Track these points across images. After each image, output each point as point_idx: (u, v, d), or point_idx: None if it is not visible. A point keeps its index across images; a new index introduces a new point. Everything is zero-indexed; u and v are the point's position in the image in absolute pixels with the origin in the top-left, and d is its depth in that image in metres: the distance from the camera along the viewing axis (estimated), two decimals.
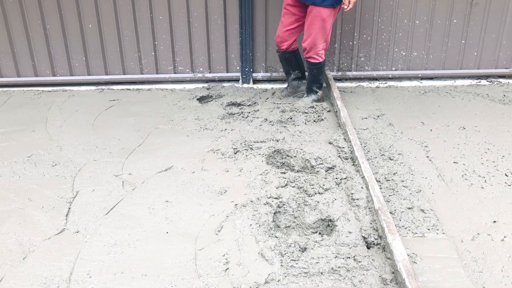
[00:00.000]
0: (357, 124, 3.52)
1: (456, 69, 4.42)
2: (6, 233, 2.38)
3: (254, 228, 2.36)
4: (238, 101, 3.95)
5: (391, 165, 2.94)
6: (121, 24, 4.21)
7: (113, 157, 3.12)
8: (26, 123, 3.64)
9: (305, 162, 2.95)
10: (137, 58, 4.35)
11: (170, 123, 3.60)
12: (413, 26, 4.25)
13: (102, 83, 4.42)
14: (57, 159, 3.10)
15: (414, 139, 3.29)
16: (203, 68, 4.40)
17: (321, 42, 3.64)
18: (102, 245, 2.29)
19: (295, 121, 3.56)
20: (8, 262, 2.18)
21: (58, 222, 2.45)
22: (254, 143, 3.22)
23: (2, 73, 4.38)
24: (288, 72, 4.03)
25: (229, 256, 2.18)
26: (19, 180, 2.86)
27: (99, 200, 2.65)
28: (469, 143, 3.23)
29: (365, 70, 4.43)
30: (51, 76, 4.39)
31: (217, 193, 2.68)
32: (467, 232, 2.35)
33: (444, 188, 2.72)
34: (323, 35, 3.64)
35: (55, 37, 4.25)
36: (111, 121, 3.66)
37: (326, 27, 3.60)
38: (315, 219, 2.42)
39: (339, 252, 2.18)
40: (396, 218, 2.44)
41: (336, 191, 2.64)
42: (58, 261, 2.18)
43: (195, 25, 4.23)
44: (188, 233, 2.36)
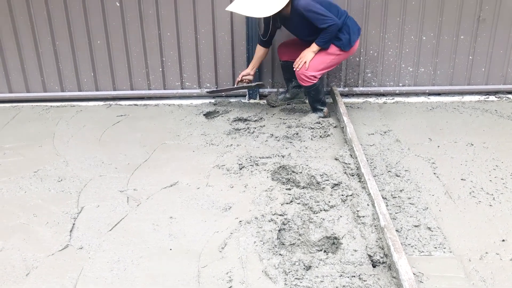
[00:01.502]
0: (364, 140, 3.50)
1: (464, 85, 4.39)
2: (10, 248, 2.38)
3: (258, 245, 2.34)
4: (245, 116, 3.95)
5: (398, 182, 2.91)
6: (129, 40, 4.26)
7: (118, 172, 3.12)
8: (34, 138, 3.67)
9: (310, 178, 2.93)
10: (144, 74, 4.38)
11: (177, 139, 3.61)
12: (420, 42, 4.24)
13: (110, 99, 4.45)
14: (63, 174, 3.11)
15: (421, 156, 3.26)
16: (210, 83, 4.42)
17: (312, 70, 3.63)
18: (106, 261, 2.28)
19: (301, 136, 3.55)
20: (11, 278, 2.17)
21: (62, 238, 2.45)
22: (259, 159, 3.21)
23: (12, 89, 4.43)
24: (289, 79, 4.06)
25: (233, 274, 2.16)
26: (25, 195, 2.87)
27: (103, 216, 2.65)
28: (477, 159, 3.19)
29: (372, 86, 4.43)
30: (60, 92, 4.44)
31: (221, 210, 2.67)
32: (475, 251, 2.31)
33: (452, 205, 2.68)
34: (319, 64, 3.64)
35: (64, 53, 4.30)
36: (118, 136, 3.68)
37: (325, 60, 3.65)
38: (320, 236, 2.39)
39: (344, 271, 2.15)
40: (403, 236, 2.40)
41: (342, 208, 2.62)
42: (61, 277, 2.18)
43: (203, 42, 4.26)
44: (192, 250, 2.34)
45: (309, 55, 3.62)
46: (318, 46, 3.60)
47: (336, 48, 3.64)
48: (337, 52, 3.65)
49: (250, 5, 3.42)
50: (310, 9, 3.43)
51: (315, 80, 3.67)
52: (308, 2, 3.43)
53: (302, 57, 3.65)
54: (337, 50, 3.64)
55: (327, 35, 3.52)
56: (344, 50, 3.65)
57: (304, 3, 3.42)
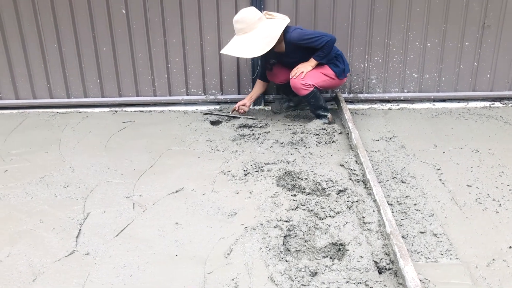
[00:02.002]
0: (369, 146, 3.50)
1: (469, 91, 4.39)
2: (17, 254, 2.39)
3: (264, 251, 2.34)
4: (250, 123, 3.96)
5: (403, 188, 2.91)
6: (135, 47, 4.29)
7: (124, 178, 3.14)
8: (40, 144, 3.69)
9: (316, 184, 2.93)
10: (150, 80, 4.41)
11: (182, 145, 3.62)
12: (425, 48, 4.25)
13: (116, 105, 4.48)
14: (69, 180, 3.12)
15: (426, 162, 3.25)
16: (215, 90, 4.44)
17: (308, 79, 3.73)
18: (112, 267, 2.28)
19: (306, 143, 3.55)
20: (17, 284, 2.18)
21: (68, 244, 2.46)
22: (264, 165, 3.22)
23: (18, 95, 4.47)
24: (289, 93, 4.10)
25: (238, 280, 2.16)
26: (31, 201, 2.88)
27: (109, 221, 2.65)
28: (482, 166, 3.18)
29: (376, 92, 4.43)
30: (66, 98, 4.47)
31: (227, 216, 2.67)
32: (482, 257, 2.30)
33: (458, 212, 2.67)
34: (315, 77, 3.76)
35: (70, 60, 4.34)
36: (124, 142, 3.70)
37: (320, 76, 3.78)
38: (326, 243, 2.39)
39: (350, 277, 2.14)
40: (409, 242, 2.40)
41: (348, 215, 2.61)
42: (68, 283, 2.18)
43: (208, 48, 4.29)
44: (198, 256, 2.34)
45: (307, 67, 3.77)
46: (316, 60, 3.76)
47: (332, 72, 3.83)
48: (331, 76, 3.84)
49: (242, 47, 3.62)
50: (304, 38, 3.65)
51: (311, 88, 3.73)
52: (300, 32, 3.66)
53: (300, 67, 3.78)
54: (333, 74, 3.84)
55: (324, 51, 3.70)
56: (338, 77, 3.86)
57: (296, 34, 3.65)
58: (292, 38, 3.65)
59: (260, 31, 3.59)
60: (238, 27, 3.63)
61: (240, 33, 3.65)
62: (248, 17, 3.60)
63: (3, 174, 3.23)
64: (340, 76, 3.86)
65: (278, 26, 3.61)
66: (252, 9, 3.66)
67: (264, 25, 3.62)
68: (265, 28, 3.60)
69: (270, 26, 3.62)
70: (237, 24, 3.63)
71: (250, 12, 3.62)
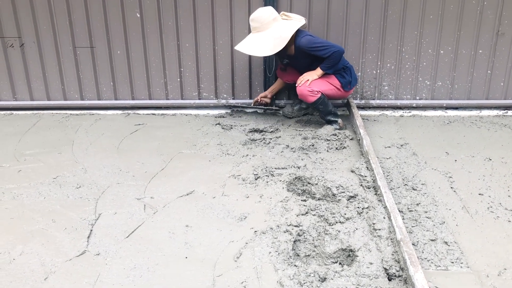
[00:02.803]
0: (380, 153, 3.49)
1: (482, 99, 4.36)
2: (29, 253, 2.42)
3: (274, 256, 2.34)
4: (261, 127, 3.97)
5: (414, 196, 2.89)
6: (149, 50, 4.33)
7: (136, 180, 3.16)
8: (54, 145, 3.74)
9: (326, 190, 2.93)
10: (163, 84, 4.45)
11: (193, 148, 3.64)
12: (438, 55, 4.24)
13: (129, 108, 4.52)
14: (81, 181, 3.16)
15: (438, 170, 3.23)
16: (227, 94, 4.46)
17: (314, 86, 3.75)
18: (122, 268, 2.30)
19: (317, 148, 3.55)
20: (30, 282, 2.21)
21: (79, 244, 2.49)
22: (275, 170, 3.22)
23: (33, 97, 4.53)
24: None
25: (248, 284, 2.16)
26: (44, 201, 2.92)
27: (120, 223, 2.68)
28: (495, 174, 3.16)
29: (388, 99, 4.42)
30: (80, 100, 4.53)
31: (237, 219, 2.68)
32: (493, 266, 2.28)
33: (469, 220, 2.65)
34: (321, 85, 3.79)
35: (84, 62, 4.39)
36: (136, 145, 3.73)
37: (326, 85, 3.81)
38: (336, 248, 2.39)
39: (360, 283, 2.14)
40: (419, 250, 2.38)
41: (358, 221, 2.61)
42: (78, 283, 2.20)
43: (220, 53, 4.31)
44: (207, 259, 2.35)
45: (313, 75, 3.80)
46: (322, 70, 3.78)
47: (338, 82, 3.86)
48: (337, 86, 3.86)
49: (254, 45, 3.69)
50: (312, 46, 3.68)
51: (318, 94, 3.75)
52: (309, 39, 3.69)
53: (306, 75, 3.81)
54: (338, 84, 3.86)
55: (331, 61, 3.72)
56: (343, 88, 3.89)
57: (305, 41, 3.68)
58: (301, 44, 3.69)
59: (273, 32, 3.64)
60: (253, 25, 3.70)
61: (254, 31, 3.73)
62: (263, 17, 3.66)
63: (17, 174, 3.27)
64: (345, 87, 3.89)
65: (290, 28, 3.65)
66: (269, 8, 3.71)
67: (278, 25, 3.67)
68: (278, 29, 3.64)
69: (283, 27, 3.65)
70: (252, 22, 3.70)
71: (265, 12, 3.67)
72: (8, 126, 4.19)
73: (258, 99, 4.22)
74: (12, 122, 4.28)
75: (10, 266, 2.32)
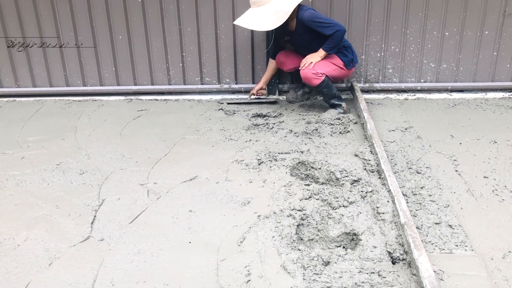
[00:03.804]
0: (384, 137, 3.46)
1: (488, 82, 4.31)
2: (33, 239, 2.43)
3: (277, 240, 2.34)
4: (264, 112, 3.95)
5: (419, 179, 2.88)
6: (150, 35, 4.29)
7: (139, 166, 3.16)
8: (57, 131, 3.74)
9: (330, 174, 2.91)
10: (165, 69, 4.42)
11: (196, 134, 3.63)
12: (443, 37, 4.17)
13: (131, 93, 4.50)
14: (84, 167, 3.16)
15: (442, 153, 3.21)
16: (230, 79, 4.43)
17: (318, 68, 3.69)
18: (126, 253, 2.31)
19: (320, 132, 3.53)
20: (34, 268, 2.22)
21: (83, 230, 2.49)
22: (278, 154, 3.21)
23: (35, 83, 4.52)
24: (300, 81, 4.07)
25: (251, 268, 2.17)
26: (47, 187, 2.92)
27: (124, 208, 2.68)
28: (500, 157, 3.13)
29: (393, 82, 4.37)
30: (82, 86, 4.51)
31: (240, 204, 2.68)
32: (498, 249, 2.27)
33: (474, 203, 2.64)
34: (324, 67, 3.72)
35: (86, 48, 4.36)
36: (139, 130, 3.72)
37: (330, 66, 3.74)
38: (339, 232, 2.38)
39: (363, 267, 2.14)
40: (423, 233, 2.37)
41: (361, 205, 2.60)
42: (83, 268, 2.21)
43: (222, 37, 4.27)
44: (211, 244, 2.35)
45: (316, 57, 3.73)
46: (324, 51, 3.72)
47: (341, 62, 3.80)
48: (340, 65, 3.80)
49: (254, 20, 3.60)
50: (314, 19, 3.59)
51: (322, 77, 3.69)
52: (312, 13, 3.61)
53: (309, 57, 3.75)
54: (341, 63, 3.80)
55: (333, 41, 3.65)
56: (346, 67, 3.83)
57: (308, 14, 3.59)
58: (303, 17, 3.60)
59: (274, 5, 3.56)
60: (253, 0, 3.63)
61: (254, 5, 3.64)
62: None
63: (20, 160, 3.27)
64: (348, 66, 3.83)
65: (292, 2, 3.56)
66: None
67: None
68: (279, 3, 3.56)
69: (284, 0, 3.57)
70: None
71: None
72: (11, 113, 4.18)
73: (254, 93, 4.16)
74: (15, 109, 4.28)
75: (14, 252, 2.33)
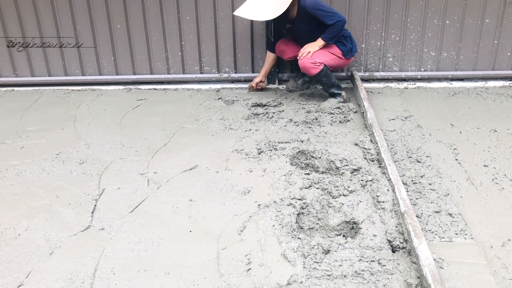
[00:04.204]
0: (384, 126, 3.46)
1: (488, 70, 4.29)
2: (34, 228, 2.43)
3: (277, 229, 2.34)
4: (264, 101, 3.94)
5: (419, 168, 2.88)
6: (149, 24, 4.26)
7: (139, 155, 3.15)
8: (56, 121, 3.73)
9: (330, 163, 2.91)
10: (164, 58, 4.39)
11: (196, 123, 3.62)
12: (443, 26, 4.15)
13: (130, 83, 4.48)
14: (84, 157, 3.15)
15: (442, 142, 3.21)
16: (229, 68, 4.41)
17: (316, 58, 3.67)
18: (126, 242, 2.31)
19: (320, 122, 3.52)
20: (35, 257, 2.22)
21: (84, 219, 2.50)
22: (278, 144, 3.21)
23: (34, 73, 4.50)
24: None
25: (252, 257, 2.17)
26: (47, 177, 2.92)
27: (124, 198, 2.68)
28: (500, 146, 3.13)
29: (393, 71, 4.36)
30: (81, 76, 4.49)
31: (240, 193, 2.68)
32: (497, 237, 2.27)
33: (474, 192, 2.64)
34: (323, 56, 3.70)
35: (84, 37, 4.33)
36: (138, 120, 3.71)
37: (328, 55, 3.71)
38: (339, 221, 2.39)
39: (363, 255, 2.14)
40: (423, 221, 2.38)
41: (361, 194, 2.60)
42: (83, 257, 2.22)
43: (222, 26, 4.24)
44: (211, 232, 2.36)
45: (314, 47, 3.71)
46: (323, 41, 3.69)
47: (339, 51, 3.77)
48: (338, 55, 3.78)
49: (254, 10, 3.55)
50: (317, 7, 3.56)
51: (320, 66, 3.67)
52: (315, 1, 3.57)
53: (307, 47, 3.72)
54: (340, 53, 3.78)
55: (333, 31, 3.63)
56: (344, 56, 3.80)
57: (311, 1, 3.56)
58: (306, 4, 3.57)
59: None
60: None
61: None
62: None
63: (20, 150, 3.27)
64: (347, 55, 3.81)
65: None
66: None
67: None
68: None
69: None
70: None
71: None
72: (10, 102, 4.17)
73: (254, 86, 4.14)
74: (13, 98, 4.26)
75: (15, 241, 2.33)
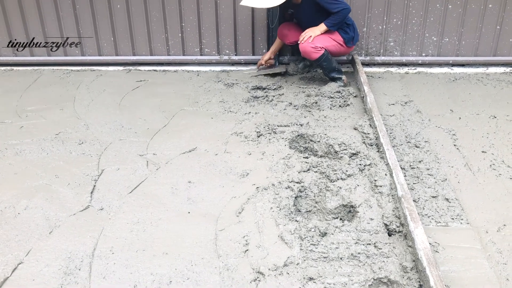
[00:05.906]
0: (384, 110, 3.46)
1: (490, 56, 4.27)
2: (34, 207, 2.45)
3: (275, 211, 2.36)
4: (264, 84, 3.93)
5: (417, 153, 2.89)
6: (149, 5, 4.22)
7: (138, 137, 3.16)
8: (55, 101, 3.72)
9: (328, 147, 2.92)
10: (164, 39, 4.36)
11: (195, 105, 3.61)
12: (446, 10, 4.12)
13: (130, 64, 4.46)
14: (83, 137, 3.16)
15: (442, 127, 3.21)
16: (229, 50, 4.38)
17: (317, 42, 3.64)
18: (125, 222, 2.33)
19: (320, 105, 3.52)
20: (35, 236, 2.25)
21: (83, 199, 2.51)
22: (277, 127, 3.21)
23: (33, 52, 4.47)
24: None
25: (249, 238, 2.20)
26: (47, 157, 2.93)
27: (123, 178, 2.69)
28: (499, 132, 3.13)
29: (394, 56, 4.34)
30: (80, 56, 4.46)
31: (239, 176, 2.69)
32: (493, 223, 2.30)
33: (471, 177, 2.66)
34: (323, 41, 3.67)
35: (84, 17, 4.30)
36: (137, 101, 3.70)
37: (329, 41, 3.68)
38: (337, 204, 2.40)
39: (360, 238, 2.17)
40: (420, 206, 2.40)
41: (359, 178, 2.61)
42: (83, 236, 2.24)
43: (222, 7, 4.21)
44: (210, 214, 2.38)
45: (316, 31, 3.68)
46: (326, 26, 3.66)
47: (341, 38, 3.74)
48: (340, 42, 3.75)
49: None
50: None
51: (321, 50, 3.65)
52: None
53: (308, 31, 3.70)
54: (341, 40, 3.75)
55: (337, 18, 3.60)
56: (346, 44, 3.77)
57: None
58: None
59: None
60: None
61: None
62: None
63: (19, 130, 3.27)
64: (348, 43, 3.78)
65: None
66: None
67: None
68: None
69: None
70: None
71: None
72: (9, 82, 4.15)
73: (263, 63, 4.12)
74: (12, 78, 4.24)
75: (15, 220, 2.35)
